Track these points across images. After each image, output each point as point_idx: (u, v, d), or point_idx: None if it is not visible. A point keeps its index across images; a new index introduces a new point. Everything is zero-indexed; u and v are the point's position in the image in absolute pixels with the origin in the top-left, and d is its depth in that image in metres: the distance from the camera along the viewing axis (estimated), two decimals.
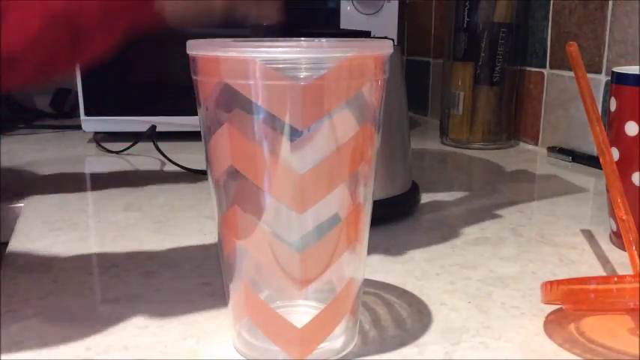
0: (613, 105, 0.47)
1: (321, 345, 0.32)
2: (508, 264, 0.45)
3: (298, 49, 0.28)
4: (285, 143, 0.29)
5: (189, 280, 0.42)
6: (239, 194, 0.31)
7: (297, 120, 0.28)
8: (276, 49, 0.27)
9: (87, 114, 0.87)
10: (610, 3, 0.73)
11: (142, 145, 0.80)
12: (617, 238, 0.49)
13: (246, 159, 0.29)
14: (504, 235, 0.52)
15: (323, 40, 0.29)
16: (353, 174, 0.30)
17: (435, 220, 0.55)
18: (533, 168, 0.76)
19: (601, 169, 0.40)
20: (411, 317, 0.37)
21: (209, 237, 0.51)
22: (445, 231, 0.52)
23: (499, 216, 0.56)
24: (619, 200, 0.39)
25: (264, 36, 0.55)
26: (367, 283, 0.42)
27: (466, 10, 0.85)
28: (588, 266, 0.45)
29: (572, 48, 0.40)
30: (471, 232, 0.52)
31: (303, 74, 0.28)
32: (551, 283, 0.34)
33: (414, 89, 1.17)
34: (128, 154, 0.81)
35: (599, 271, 0.44)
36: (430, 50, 1.13)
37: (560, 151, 0.79)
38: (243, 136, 0.29)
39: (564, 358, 0.33)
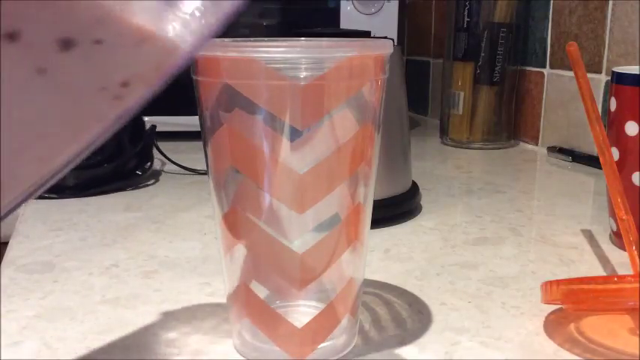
0: (613, 105, 0.47)
1: (321, 345, 0.32)
2: (508, 264, 0.45)
3: (298, 49, 0.28)
4: (285, 143, 0.29)
5: (189, 280, 0.42)
6: (239, 194, 0.31)
7: (297, 120, 0.28)
8: (276, 49, 0.27)
9: None
10: (610, 3, 0.73)
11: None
12: (617, 238, 0.49)
13: (246, 159, 0.29)
14: (504, 235, 0.52)
15: (323, 40, 0.29)
16: (353, 174, 0.30)
17: (435, 220, 0.55)
18: (533, 168, 0.76)
19: (601, 169, 0.40)
20: (411, 317, 0.37)
21: (209, 237, 0.51)
22: (445, 231, 0.52)
23: (499, 216, 0.56)
24: (619, 200, 0.39)
25: (264, 36, 0.55)
26: (367, 283, 0.42)
27: (466, 10, 0.85)
28: (588, 266, 0.45)
29: (572, 48, 0.40)
30: (471, 232, 0.52)
31: (303, 74, 0.28)
32: (551, 283, 0.34)
33: (414, 89, 1.17)
34: None
35: (599, 271, 0.44)
36: (430, 50, 1.13)
37: (560, 151, 0.79)
38: (243, 136, 0.29)
39: (564, 358, 0.33)
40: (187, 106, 0.88)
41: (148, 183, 0.67)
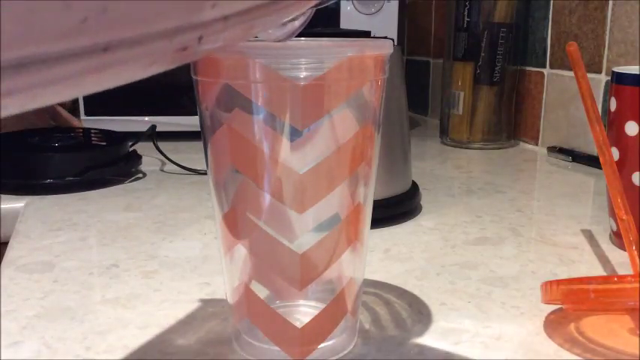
0: (613, 105, 0.47)
1: (321, 345, 0.32)
2: (508, 264, 0.45)
3: (298, 49, 0.28)
4: (285, 143, 0.29)
5: (189, 280, 0.42)
6: (239, 194, 0.31)
7: (297, 120, 0.28)
8: (276, 49, 0.27)
9: (87, 114, 0.87)
10: (610, 3, 0.73)
11: (142, 145, 0.80)
12: (617, 238, 0.49)
13: (246, 159, 0.29)
14: (504, 235, 0.52)
15: (323, 40, 0.29)
16: (353, 174, 0.30)
17: (435, 220, 0.55)
18: (533, 168, 0.76)
19: (601, 169, 0.40)
20: (411, 317, 0.37)
21: (209, 237, 0.51)
22: (445, 231, 0.52)
23: (499, 216, 0.56)
24: (619, 200, 0.39)
25: None
26: (367, 283, 0.42)
27: (466, 10, 0.85)
28: (588, 266, 0.45)
29: (572, 48, 0.40)
30: (471, 232, 0.52)
31: (303, 74, 0.28)
32: (551, 283, 0.34)
33: (414, 89, 1.17)
34: None
35: (599, 271, 0.44)
36: (430, 50, 1.13)
37: (560, 151, 0.79)
38: (243, 136, 0.29)
39: (564, 358, 0.33)
40: (187, 106, 0.88)
41: (149, 183, 0.67)
